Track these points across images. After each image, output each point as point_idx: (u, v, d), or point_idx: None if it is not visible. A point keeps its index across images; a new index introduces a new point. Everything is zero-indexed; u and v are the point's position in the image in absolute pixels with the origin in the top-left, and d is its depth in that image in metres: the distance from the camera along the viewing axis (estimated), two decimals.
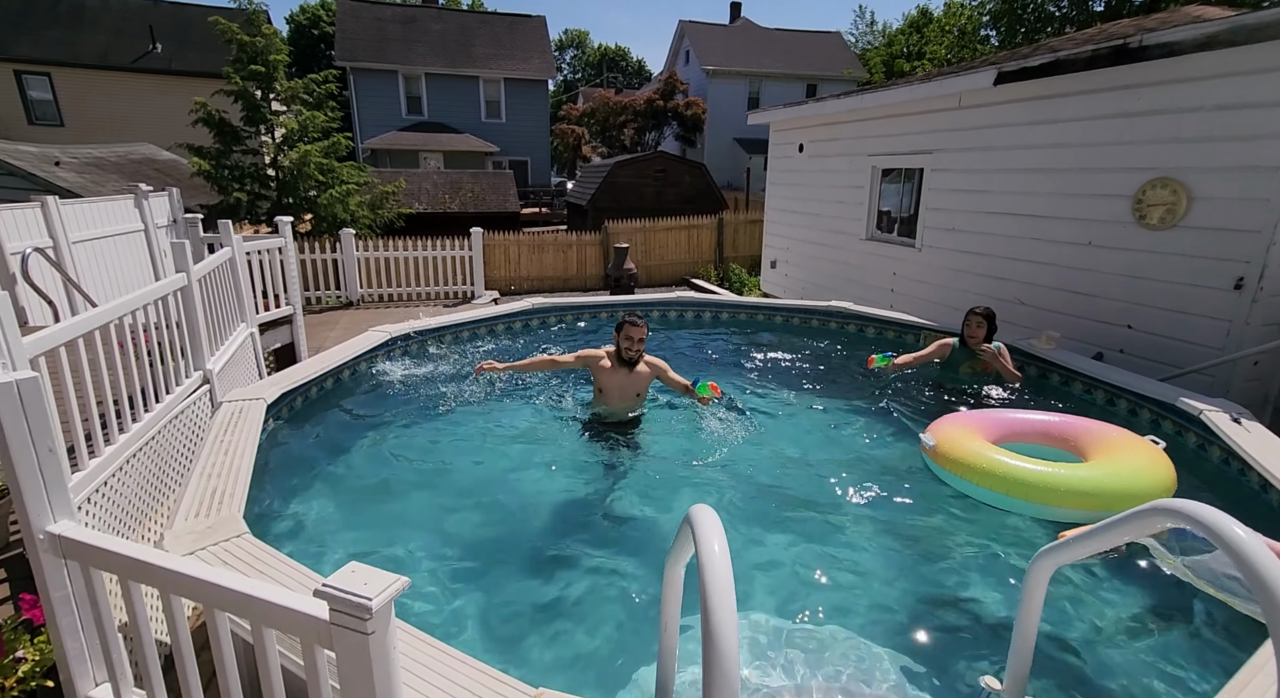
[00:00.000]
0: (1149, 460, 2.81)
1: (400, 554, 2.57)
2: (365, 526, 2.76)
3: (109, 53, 20.12)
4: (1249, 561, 1.04)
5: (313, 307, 10.49)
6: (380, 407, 3.95)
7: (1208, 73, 4.36)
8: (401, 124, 24.63)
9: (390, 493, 3.05)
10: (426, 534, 2.73)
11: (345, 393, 3.98)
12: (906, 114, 7.10)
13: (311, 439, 3.44)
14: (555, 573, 2.52)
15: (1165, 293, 4.76)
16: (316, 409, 3.73)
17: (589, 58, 63.00)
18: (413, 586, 2.25)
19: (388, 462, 3.34)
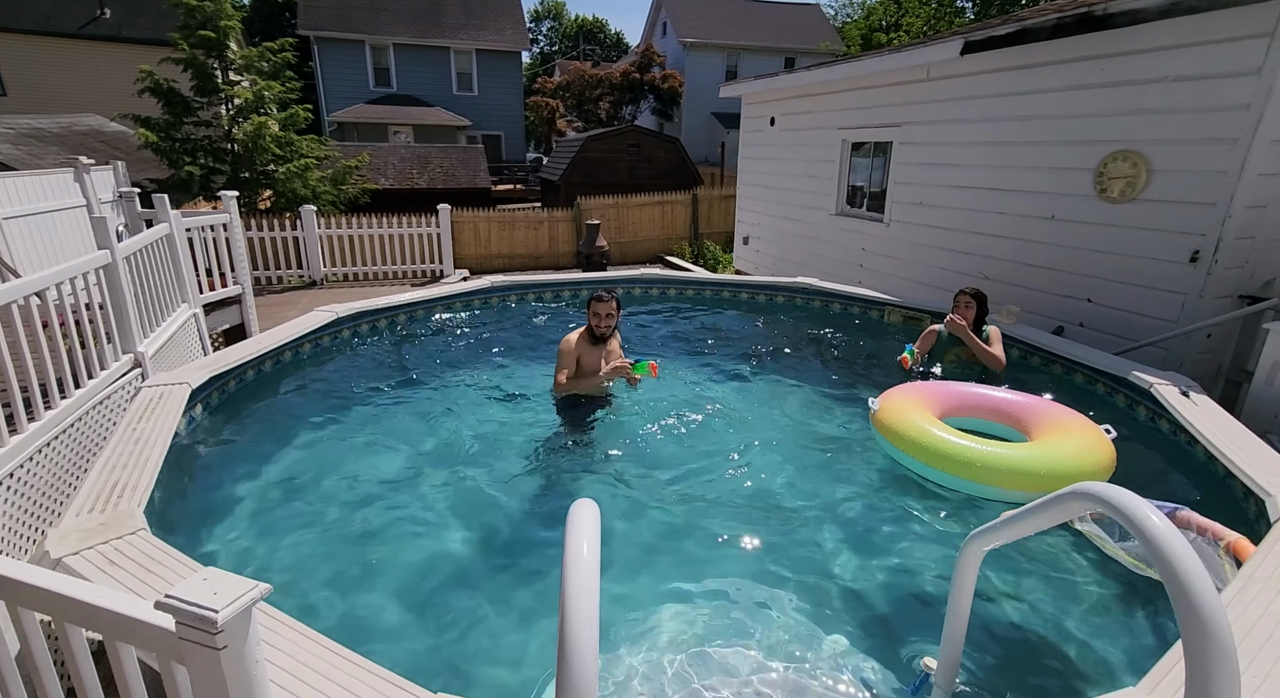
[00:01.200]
0: (1087, 443, 2.79)
1: (318, 553, 2.42)
2: (291, 522, 2.57)
3: (52, 18, 19.06)
4: (1158, 545, 0.98)
5: (274, 286, 10.18)
6: (322, 393, 3.77)
7: (1170, 43, 4.30)
8: (369, 96, 23.84)
9: (321, 488, 2.87)
10: (353, 533, 2.55)
11: (285, 377, 3.80)
12: (876, 86, 6.97)
13: (243, 427, 3.27)
14: (489, 575, 2.41)
15: (1124, 266, 4.76)
16: (252, 395, 3.55)
17: (566, 30, 61.41)
18: (326, 586, 2.17)
19: (323, 453, 3.17)
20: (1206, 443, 2.76)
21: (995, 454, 2.77)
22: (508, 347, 4.70)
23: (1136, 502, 1.05)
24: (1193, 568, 0.94)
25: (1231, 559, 2.05)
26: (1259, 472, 2.44)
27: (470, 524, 2.67)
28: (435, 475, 3.02)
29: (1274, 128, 3.90)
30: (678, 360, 4.69)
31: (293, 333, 3.85)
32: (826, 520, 2.80)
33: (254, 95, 10.31)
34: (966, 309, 3.99)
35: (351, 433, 3.37)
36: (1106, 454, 2.84)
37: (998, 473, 2.72)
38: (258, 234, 9.93)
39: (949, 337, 4.13)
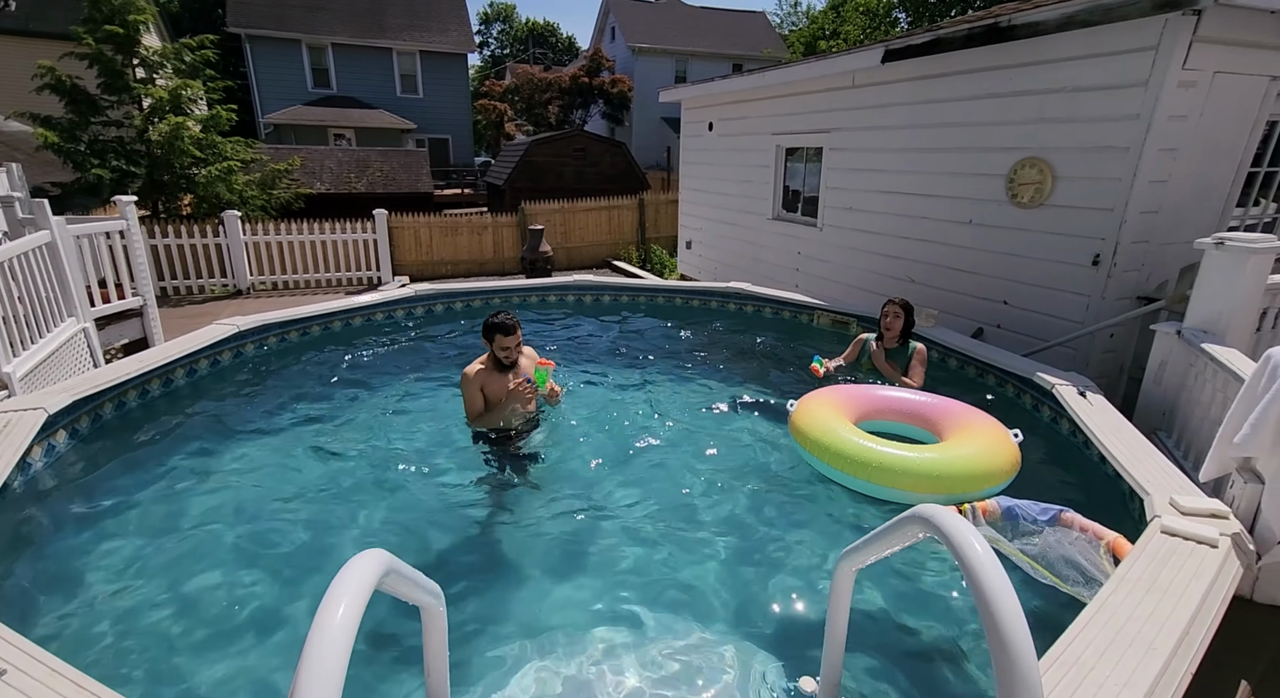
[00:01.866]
0: (991, 445, 2.83)
1: (188, 636, 2.07)
2: (156, 584, 2.27)
3: None
4: (975, 575, 0.95)
5: (194, 296, 9.65)
6: (216, 418, 3.43)
7: (1068, 54, 4.47)
8: (307, 98, 23.02)
9: (201, 532, 2.57)
10: (237, 612, 2.17)
11: (176, 399, 3.52)
12: (806, 92, 7.07)
13: (116, 459, 2.96)
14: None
15: (1035, 270, 4.92)
16: (133, 420, 3.24)
17: (517, 33, 60.88)
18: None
19: (208, 491, 2.84)
20: (1098, 443, 2.84)
21: (898, 457, 2.78)
22: (431, 363, 4.51)
23: (963, 529, 1.02)
24: (1007, 602, 0.91)
25: (1111, 558, 2.09)
26: (1140, 472, 2.51)
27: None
28: (338, 516, 2.76)
29: (1161, 137, 4.09)
30: (610, 369, 4.61)
31: (185, 348, 3.58)
32: (734, 532, 2.76)
33: (170, 94, 9.76)
34: (895, 319, 3.99)
35: (246, 466, 3.07)
36: (1010, 456, 2.89)
37: (901, 476, 2.73)
38: (175, 241, 9.41)
39: (875, 346, 4.15)
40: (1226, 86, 4.15)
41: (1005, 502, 2.30)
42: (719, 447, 3.51)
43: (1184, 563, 1.99)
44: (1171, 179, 4.28)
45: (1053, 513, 2.25)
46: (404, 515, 2.78)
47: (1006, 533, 2.23)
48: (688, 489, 3.10)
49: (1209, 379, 2.92)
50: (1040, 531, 2.23)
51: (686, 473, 3.23)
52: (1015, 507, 2.28)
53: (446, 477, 3.06)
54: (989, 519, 2.25)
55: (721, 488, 3.10)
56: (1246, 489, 2.26)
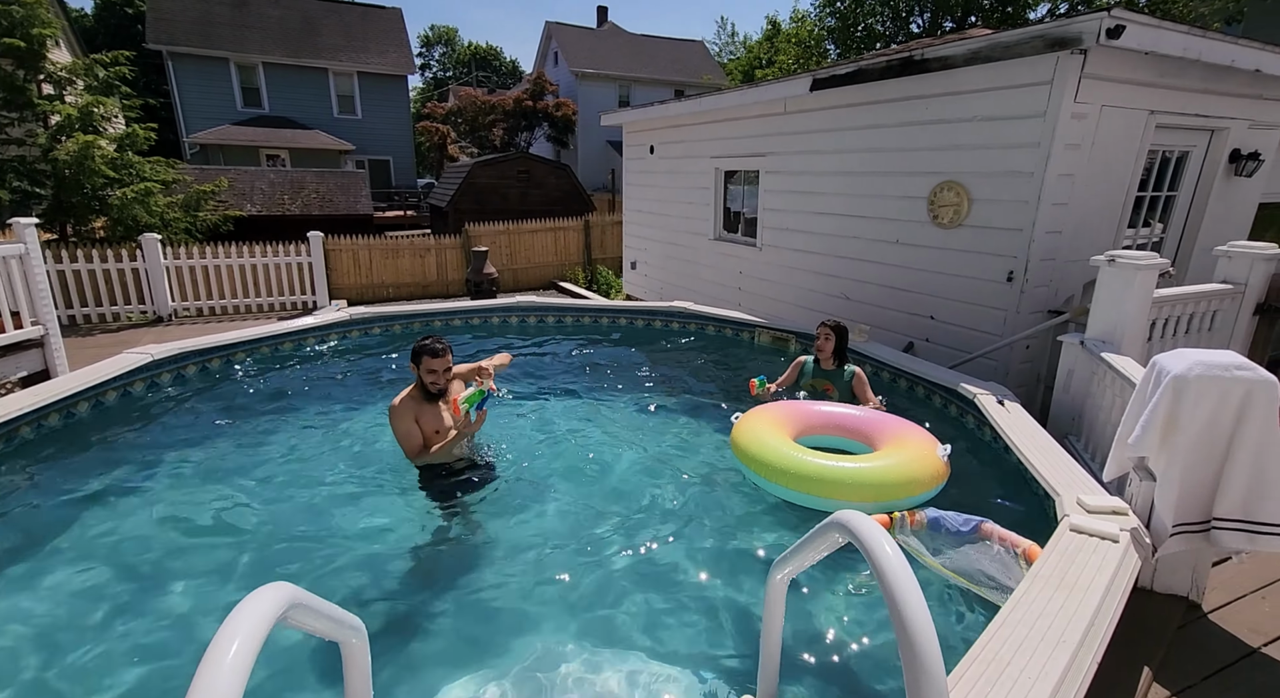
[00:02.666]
0: (919, 455, 2.96)
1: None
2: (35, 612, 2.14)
3: None
4: (885, 578, 0.99)
5: (107, 325, 9.04)
6: (124, 456, 3.16)
7: (977, 86, 4.82)
8: (237, 117, 22.21)
9: (95, 571, 2.37)
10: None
11: (79, 435, 3.25)
12: (742, 118, 7.33)
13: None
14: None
15: (957, 286, 5.22)
16: (23, 459, 2.98)
17: (460, 55, 60.76)
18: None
19: (106, 547, 2.59)
20: (1014, 448, 3.01)
21: (829, 469, 2.87)
22: (369, 390, 4.35)
23: (875, 533, 1.07)
24: (914, 603, 0.96)
25: (1026, 565, 2.21)
26: (1051, 474, 2.68)
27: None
28: (251, 559, 2.58)
29: (1060, 163, 4.45)
30: (556, 391, 4.57)
31: (91, 379, 3.34)
32: (673, 552, 2.77)
33: (80, 112, 9.23)
34: (826, 340, 4.07)
35: (156, 510, 2.83)
36: (934, 466, 3.03)
37: (833, 486, 2.82)
38: (86, 266, 8.82)
39: (813, 368, 4.23)
40: (1113, 119, 4.56)
41: (932, 513, 2.41)
42: (662, 466, 3.53)
43: (1089, 559, 2.13)
44: (1071, 202, 4.64)
45: (974, 524, 2.37)
46: (328, 552, 2.66)
47: (927, 542, 2.33)
48: (629, 511, 3.10)
49: (1109, 386, 3.15)
50: (961, 543, 2.34)
51: (627, 496, 3.23)
52: (941, 518, 2.39)
53: (381, 514, 2.93)
54: (915, 529, 2.35)
55: (663, 509, 3.11)
56: (1142, 487, 2.44)
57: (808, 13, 19.22)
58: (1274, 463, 2.22)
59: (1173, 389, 2.23)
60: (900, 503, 2.77)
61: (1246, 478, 2.25)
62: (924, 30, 16.52)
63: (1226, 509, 2.30)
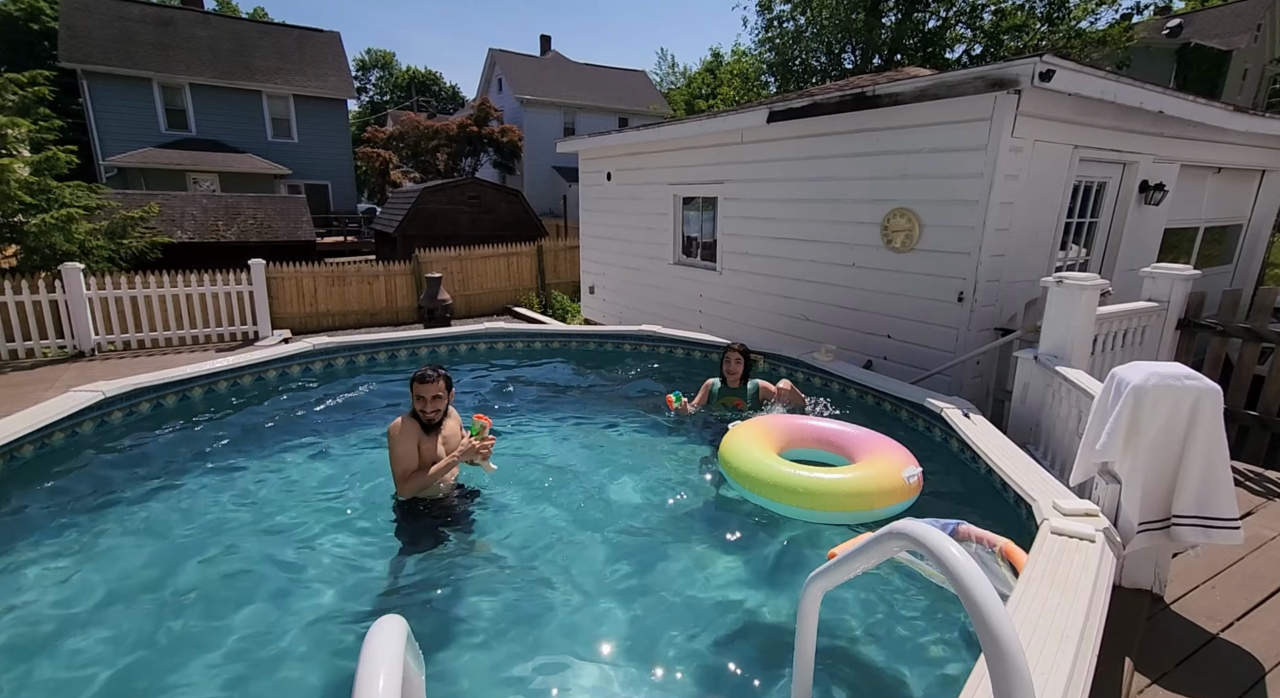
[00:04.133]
0: (892, 467, 3.11)
1: None
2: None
3: None
4: (958, 576, 1.07)
5: (20, 362, 8.32)
6: (67, 505, 2.91)
7: (925, 121, 5.19)
8: (160, 140, 21.12)
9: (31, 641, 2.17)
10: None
11: (19, 483, 2.97)
12: (700, 146, 7.58)
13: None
14: None
15: (912, 307, 5.53)
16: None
17: (398, 80, 60.11)
18: None
19: (54, 591, 2.40)
20: (985, 458, 3.21)
21: (806, 479, 2.99)
22: (331, 423, 4.17)
23: (939, 539, 1.14)
24: (989, 597, 1.03)
25: (1005, 562, 2.35)
26: (1023, 481, 2.87)
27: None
28: (203, 616, 2.38)
29: (1001, 192, 4.83)
30: (529, 418, 4.53)
31: (35, 422, 3.07)
32: (671, 567, 2.80)
33: None
34: (737, 363, 4.40)
35: (103, 560, 2.63)
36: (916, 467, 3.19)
37: (808, 496, 2.94)
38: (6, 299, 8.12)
39: (720, 389, 4.53)
40: (1045, 152, 5.00)
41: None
42: (644, 486, 3.55)
43: (1073, 558, 2.29)
44: (1012, 227, 5.03)
45: (951, 527, 2.51)
46: (298, 596, 2.53)
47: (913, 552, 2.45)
48: (619, 532, 3.10)
49: (1064, 397, 3.41)
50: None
51: (618, 517, 3.23)
52: None
53: (364, 556, 2.82)
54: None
55: (653, 527, 3.13)
56: (1108, 489, 2.65)
57: (747, 48, 20.14)
58: (1221, 463, 2.46)
59: (1133, 398, 2.45)
60: (876, 513, 2.90)
61: (1199, 477, 2.48)
62: (856, 66, 17.60)
63: (1183, 506, 2.53)
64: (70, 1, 21.47)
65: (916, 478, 3.01)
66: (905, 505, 3.02)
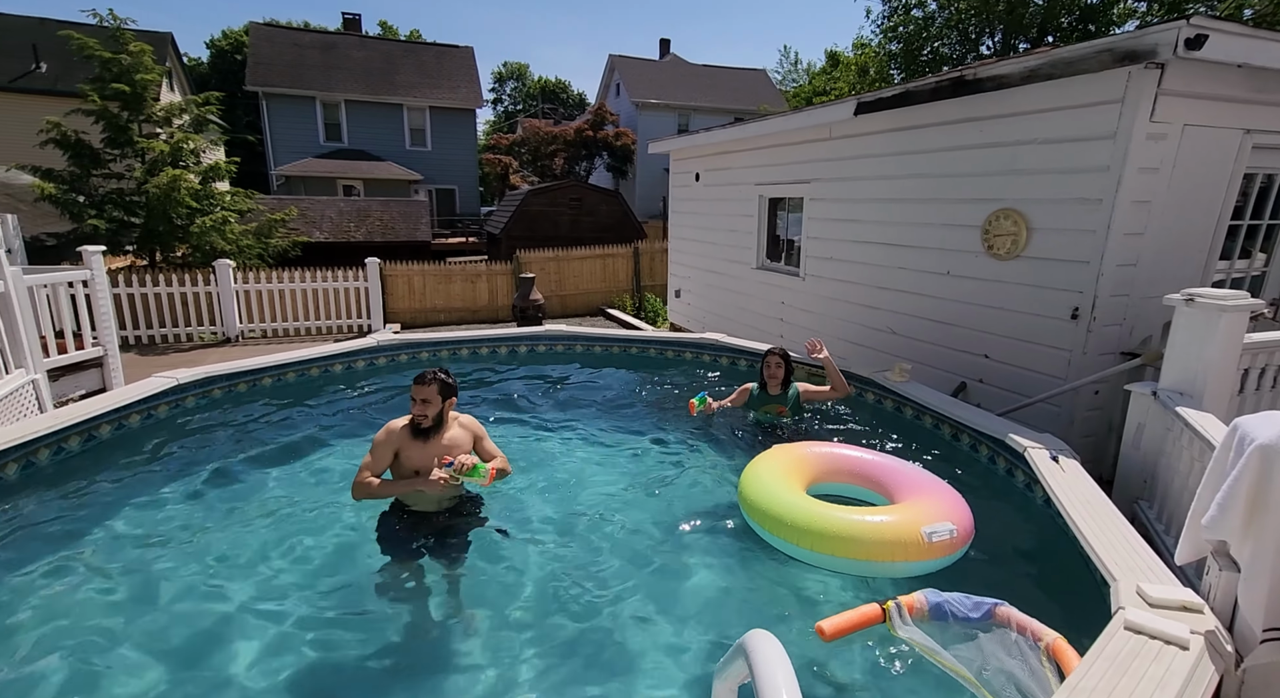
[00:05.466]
0: (926, 514, 2.60)
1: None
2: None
3: None
4: None
5: (180, 345, 9.65)
6: (142, 482, 3.17)
7: (1037, 106, 4.42)
8: (319, 151, 23.82)
9: (91, 608, 2.35)
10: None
11: (97, 459, 3.29)
12: (787, 144, 7.10)
13: (10, 523, 2.75)
14: None
15: (1015, 323, 4.74)
16: (46, 480, 3.02)
17: (529, 89, 63.47)
18: None
19: (107, 570, 2.56)
20: (1066, 515, 2.59)
21: (816, 518, 2.57)
22: (385, 417, 4.29)
23: (769, 662, 0.82)
24: None
25: (1052, 663, 1.83)
26: (1109, 552, 2.26)
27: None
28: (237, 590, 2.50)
29: (1133, 189, 3.98)
30: (566, 425, 4.41)
31: (113, 403, 3.45)
32: (690, 596, 2.51)
33: (171, 148, 10.04)
34: (778, 368, 4.21)
35: (169, 547, 2.78)
36: (965, 518, 2.66)
37: (814, 537, 2.52)
38: (166, 290, 9.49)
39: (759, 395, 4.32)
40: (1199, 139, 4.06)
41: (934, 597, 2.05)
42: (673, 509, 3.28)
43: (1148, 669, 1.73)
44: (1148, 231, 4.14)
45: (986, 608, 2.00)
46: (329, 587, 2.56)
47: (936, 635, 1.97)
48: (642, 560, 2.86)
49: (1185, 446, 2.69)
50: (974, 634, 1.97)
51: (639, 544, 2.99)
52: (944, 602, 2.03)
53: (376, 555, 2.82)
54: (916, 618, 2.00)
55: (681, 555, 2.86)
56: (1223, 577, 2.01)
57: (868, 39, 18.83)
58: None
59: (1259, 460, 1.82)
60: (892, 567, 2.42)
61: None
62: (996, 53, 15.82)
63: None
64: (257, 32, 24.93)
65: (944, 539, 2.48)
66: (934, 566, 2.51)
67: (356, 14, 28.18)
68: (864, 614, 2.08)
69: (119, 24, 9.90)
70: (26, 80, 18.77)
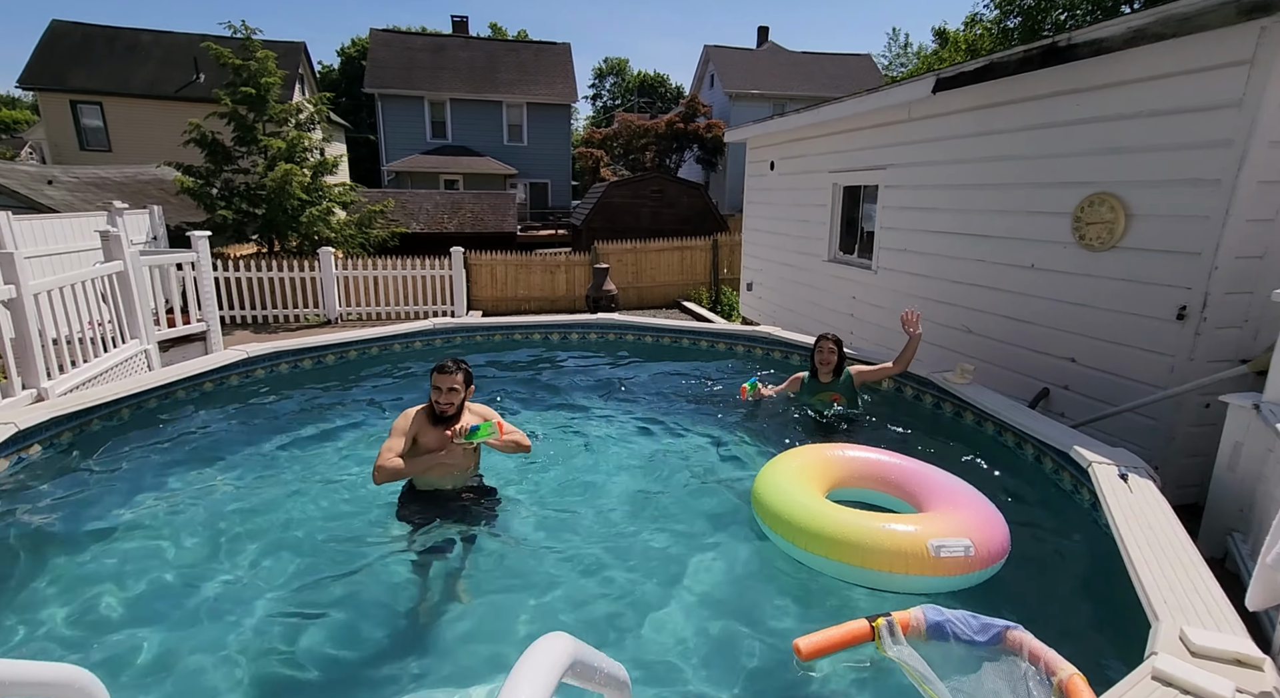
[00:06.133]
0: (968, 523, 2.32)
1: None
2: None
3: (155, 83, 21.51)
4: None
5: (288, 324, 10.64)
6: (204, 446, 3.45)
7: (1143, 74, 3.84)
8: (425, 147, 25.36)
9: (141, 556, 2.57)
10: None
11: (171, 420, 3.64)
12: (862, 128, 6.67)
13: (93, 472, 3.06)
14: None
15: (1107, 322, 4.18)
16: (121, 438, 3.35)
17: (629, 84, 64.12)
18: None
19: (163, 520, 2.80)
20: (1119, 539, 2.23)
21: (825, 520, 2.37)
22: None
23: (525, 669, 0.75)
24: None
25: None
26: (1159, 587, 1.92)
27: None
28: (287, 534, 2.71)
29: (1261, 167, 3.36)
30: (602, 417, 4.38)
31: (187, 372, 3.85)
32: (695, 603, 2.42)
33: (287, 144, 11.06)
34: (831, 354, 4.12)
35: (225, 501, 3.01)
36: (996, 537, 2.36)
37: (821, 541, 2.32)
38: (277, 274, 10.49)
39: (810, 382, 4.24)
40: None
41: (934, 615, 1.82)
42: (697, 500, 3.18)
43: None
44: (1279, 217, 3.48)
45: (995, 631, 1.75)
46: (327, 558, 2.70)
47: (933, 656, 1.75)
48: (655, 549, 2.80)
49: None
50: (978, 661, 1.73)
51: (656, 532, 2.93)
52: (947, 622, 1.79)
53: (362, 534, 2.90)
54: (912, 637, 1.78)
55: (698, 547, 2.77)
56: None
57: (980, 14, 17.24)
58: None
59: None
60: (917, 581, 2.17)
61: None
62: None
63: None
64: (376, 38, 26.91)
65: (955, 555, 2.19)
66: (945, 584, 2.24)
67: (464, 16, 29.67)
68: (849, 632, 1.91)
69: (249, 33, 11.02)
70: (188, 89, 21.42)
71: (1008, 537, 2.45)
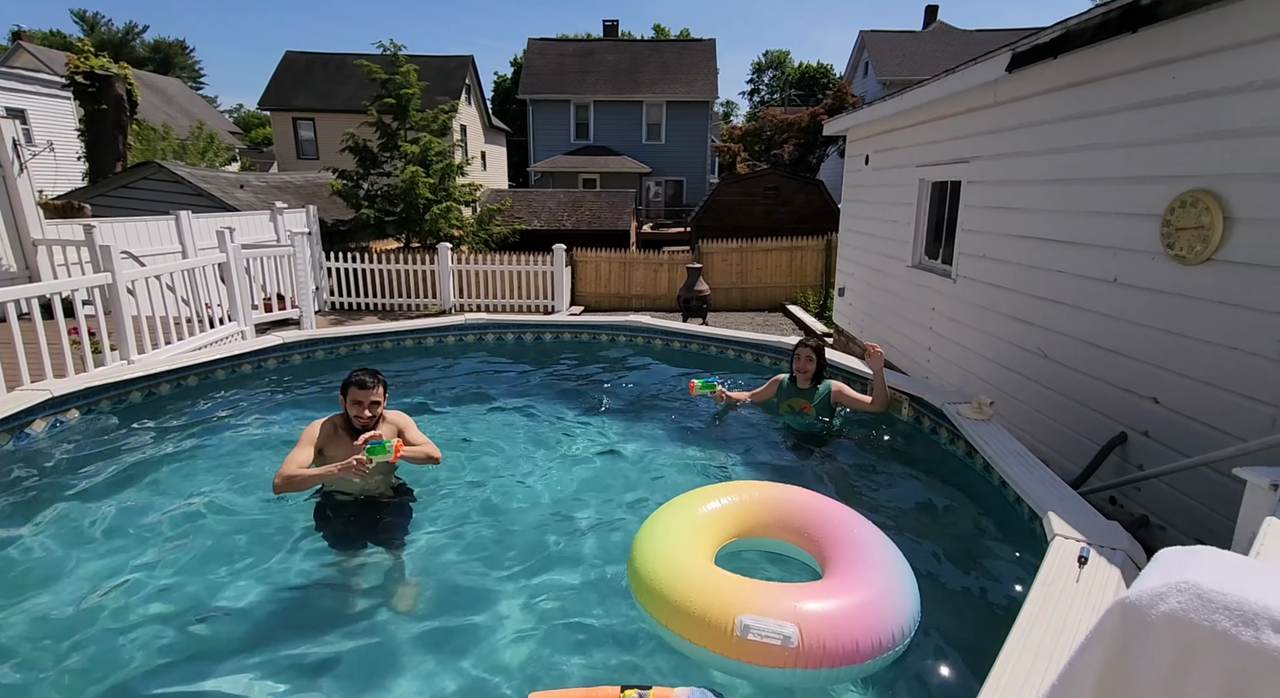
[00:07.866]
0: (859, 599, 1.92)
1: None
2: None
3: (353, 98, 25.09)
4: None
5: (409, 313, 11.91)
6: (219, 425, 3.74)
7: (1254, 35, 2.92)
8: (568, 148, 26.79)
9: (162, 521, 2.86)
10: None
11: (204, 398, 4.07)
12: (947, 115, 5.86)
13: (124, 440, 3.41)
14: None
15: (1197, 355, 3.26)
16: (152, 411, 3.78)
17: (789, 77, 61.93)
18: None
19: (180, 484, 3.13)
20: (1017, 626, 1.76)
21: (657, 569, 2.09)
22: (475, 393, 4.60)
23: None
24: None
25: None
26: None
27: None
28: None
29: None
30: (569, 416, 4.31)
31: (224, 353, 4.46)
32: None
33: (420, 149, 12.36)
34: (808, 362, 3.92)
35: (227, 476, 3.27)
36: (874, 622, 1.96)
37: (650, 596, 2.05)
38: (402, 267, 11.79)
39: (787, 387, 4.03)
40: None
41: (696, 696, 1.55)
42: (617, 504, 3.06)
43: None
44: None
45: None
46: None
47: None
48: (548, 553, 2.76)
49: None
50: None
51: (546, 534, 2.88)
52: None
53: None
54: None
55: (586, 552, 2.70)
56: None
57: None
58: None
59: (1119, 624, 1.03)
60: (729, 664, 1.86)
61: None
62: None
63: None
64: (532, 47, 28.91)
65: (769, 642, 1.78)
66: (763, 673, 1.86)
67: (615, 20, 30.78)
68: (592, 696, 1.73)
69: (396, 49, 12.48)
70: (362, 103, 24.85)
71: (910, 621, 2.01)
